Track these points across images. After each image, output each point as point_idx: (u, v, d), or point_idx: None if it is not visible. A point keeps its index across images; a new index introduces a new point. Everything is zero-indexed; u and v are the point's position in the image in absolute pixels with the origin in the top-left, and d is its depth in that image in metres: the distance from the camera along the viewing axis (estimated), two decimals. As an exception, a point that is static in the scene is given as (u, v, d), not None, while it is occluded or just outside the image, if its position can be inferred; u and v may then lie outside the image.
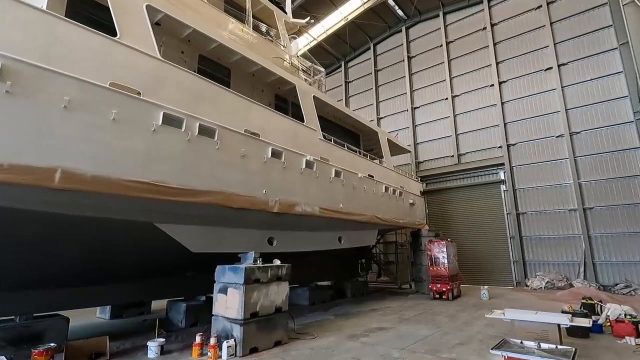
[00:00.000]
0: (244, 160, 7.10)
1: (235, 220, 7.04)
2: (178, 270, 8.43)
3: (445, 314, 9.65)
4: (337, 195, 9.65)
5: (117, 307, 9.66)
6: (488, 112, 18.56)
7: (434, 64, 21.05)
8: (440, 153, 19.91)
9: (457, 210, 18.91)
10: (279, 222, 7.88)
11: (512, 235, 16.73)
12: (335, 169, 9.59)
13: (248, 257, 6.80)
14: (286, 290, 6.83)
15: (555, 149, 16.25)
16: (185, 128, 6.09)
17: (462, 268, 17.50)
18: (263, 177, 7.49)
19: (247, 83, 8.86)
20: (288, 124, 8.55)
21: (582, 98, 15.92)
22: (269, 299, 6.42)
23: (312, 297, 11.49)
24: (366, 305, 11.46)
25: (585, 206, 15.02)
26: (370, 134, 13.25)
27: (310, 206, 8.64)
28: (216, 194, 6.47)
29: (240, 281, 6.04)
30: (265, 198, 7.47)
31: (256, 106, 7.69)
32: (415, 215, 14.37)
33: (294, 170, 8.31)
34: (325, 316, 9.54)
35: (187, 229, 6.21)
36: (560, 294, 12.43)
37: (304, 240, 8.62)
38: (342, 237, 9.88)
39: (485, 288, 12.49)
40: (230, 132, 6.89)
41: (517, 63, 18.03)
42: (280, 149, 7.95)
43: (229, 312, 6.10)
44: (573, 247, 15.18)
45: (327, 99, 10.58)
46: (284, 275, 6.82)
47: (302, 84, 9.55)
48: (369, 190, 11.13)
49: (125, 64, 5.52)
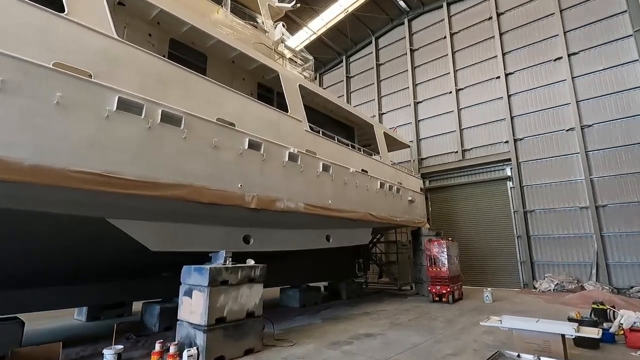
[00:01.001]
0: (215, 151, 6.54)
1: (206, 217, 6.48)
2: (151, 271, 7.93)
3: (443, 318, 8.95)
4: (325, 190, 9.03)
5: (95, 308, 9.21)
6: (494, 106, 17.70)
7: (438, 56, 20.24)
8: (443, 149, 19.10)
9: (462, 208, 18.10)
10: (257, 219, 7.30)
11: (519, 234, 15.87)
12: (323, 162, 8.97)
13: (219, 257, 6.22)
14: (260, 293, 6.24)
15: (565, 143, 15.34)
16: (145, 115, 5.54)
17: (467, 269, 16.77)
18: (238, 170, 6.92)
19: (226, 70, 8.30)
20: (269, 113, 7.95)
21: (594, 89, 14.98)
22: (239, 303, 5.84)
23: (302, 299, 10.89)
24: (360, 308, 10.81)
25: (597, 204, 14.10)
26: (366, 127, 12.57)
27: (294, 202, 8.03)
28: (182, 188, 5.91)
29: (204, 283, 5.47)
30: (241, 192, 6.89)
31: (232, 94, 7.11)
32: (414, 213, 13.65)
33: (275, 164, 7.72)
34: (312, 320, 8.93)
35: (146, 226, 5.66)
36: (570, 297, 11.60)
37: (286, 239, 8.01)
38: (331, 236, 9.24)
39: (488, 290, 11.72)
40: (199, 120, 6.33)
41: (525, 54, 17.14)
42: (259, 140, 7.36)
43: (193, 317, 5.54)
44: (584, 247, 14.27)
45: (316, 88, 9.96)
46: (258, 276, 6.23)
47: (287, 72, 8.94)
48: (362, 186, 10.48)
49: (74, 43, 4.99)
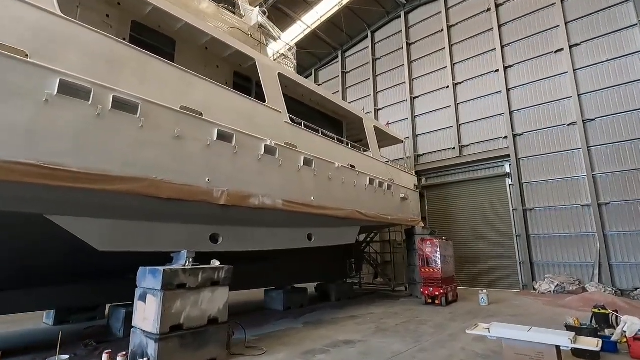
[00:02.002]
0: (178, 142, 5.99)
1: (167, 214, 5.94)
2: (122, 272, 7.39)
3: (432, 323, 8.37)
4: (307, 186, 8.47)
5: (64, 311, 8.70)
6: (492, 100, 17.05)
7: (435, 50, 19.60)
8: (441, 145, 18.47)
9: (459, 206, 17.47)
10: (227, 216, 6.74)
11: (519, 233, 15.23)
12: (304, 156, 8.41)
13: (180, 258, 5.68)
14: (225, 297, 5.70)
15: (566, 138, 14.69)
16: (93, 100, 5.01)
17: (464, 269, 16.19)
18: (206, 163, 6.37)
19: (198, 57, 7.75)
20: (243, 103, 7.39)
21: (597, 82, 14.32)
22: (200, 308, 5.29)
23: (286, 301, 10.33)
24: (347, 310, 10.25)
25: (600, 201, 13.45)
26: (356, 121, 11.99)
27: (271, 198, 7.48)
28: (137, 181, 5.37)
29: (157, 287, 4.93)
30: (209, 187, 6.35)
31: (199, 81, 6.55)
32: (407, 211, 13.06)
33: (249, 157, 7.16)
34: (293, 324, 8.37)
35: (92, 223, 5.12)
36: (570, 300, 10.97)
37: (261, 238, 7.45)
38: (313, 235, 8.68)
39: (484, 292, 11.11)
40: (159, 108, 5.78)
41: (524, 46, 16.48)
42: (231, 131, 6.81)
43: (146, 324, 5.00)
44: (586, 247, 13.63)
45: (299, 78, 9.39)
46: (223, 279, 5.69)
47: (265, 59, 8.38)
48: (349, 182, 9.91)
49: (6, 19, 4.46)
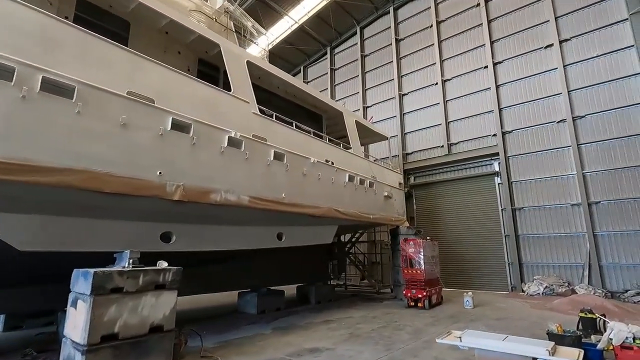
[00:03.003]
0: (124, 131, 5.43)
1: (111, 209, 5.38)
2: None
3: (411, 328, 7.85)
4: (278, 182, 7.93)
5: (16, 316, 8.08)
6: (481, 97, 16.65)
7: (424, 46, 19.18)
8: (429, 143, 18.01)
9: (447, 206, 17.01)
10: (183, 213, 6.20)
11: (507, 233, 14.80)
12: (275, 150, 7.87)
13: (123, 258, 5.12)
14: (172, 302, 5.13)
15: (556, 135, 14.30)
16: (16, 81, 4.44)
17: (452, 270, 15.73)
18: (158, 155, 5.81)
19: (156, 42, 7.19)
20: (205, 91, 6.84)
21: (587, 77, 13.95)
22: (139, 315, 4.73)
23: (260, 304, 9.77)
24: (325, 314, 9.71)
25: (590, 200, 13.05)
26: (337, 116, 11.46)
27: (236, 194, 6.93)
28: (73, 173, 4.79)
29: (87, 291, 4.37)
30: (161, 181, 5.78)
31: (151, 65, 5.99)
32: (391, 210, 12.56)
33: (209, 149, 6.61)
34: (261, 330, 7.82)
35: (14, 219, 4.55)
36: (558, 302, 10.52)
37: (222, 237, 6.88)
38: (284, 234, 8.13)
39: (469, 294, 10.63)
40: (101, 92, 5.22)
41: (514, 41, 16.09)
42: (188, 120, 6.25)
43: (75, 333, 4.44)
44: (576, 248, 13.22)
45: (272, 68, 8.83)
46: (170, 282, 5.12)
47: (231, 46, 7.82)
48: (326, 179, 9.38)
49: None
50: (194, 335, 6.11)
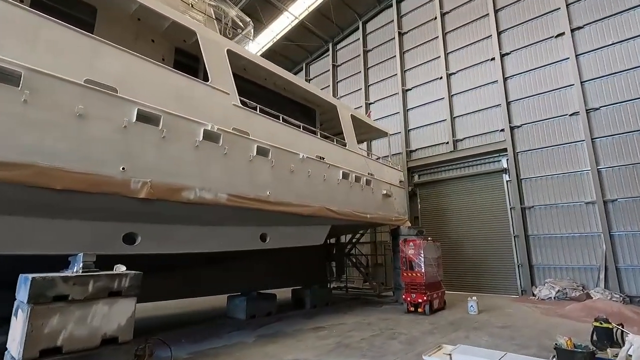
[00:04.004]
0: (81, 122, 4.96)
1: (64, 208, 4.91)
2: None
3: (406, 337, 7.22)
4: (261, 179, 7.40)
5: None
6: (488, 91, 15.84)
7: (428, 39, 18.43)
8: (434, 140, 17.26)
9: (453, 205, 16.23)
10: (151, 213, 5.70)
11: (517, 234, 13.97)
12: (258, 145, 7.34)
13: (77, 262, 4.64)
14: (129, 310, 4.63)
15: (568, 129, 13.43)
16: (-51, 65, 4.01)
17: (458, 273, 15.00)
18: (121, 149, 5.33)
19: (127, 29, 6.73)
20: (178, 81, 6.34)
21: (602, 67, 13.05)
22: (88, 326, 4.24)
23: (250, 309, 9.24)
24: (317, 320, 9.13)
25: (605, 198, 12.16)
26: (331, 110, 10.87)
27: (213, 192, 6.41)
28: (18, 168, 4.34)
29: (25, 299, 3.89)
30: (124, 178, 5.30)
31: (114, 51, 5.51)
32: (391, 209, 11.90)
33: (182, 143, 6.11)
34: (244, 338, 7.28)
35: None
36: (571, 308, 9.74)
37: (196, 238, 6.37)
38: (268, 234, 7.58)
39: (473, 299, 9.92)
40: (53, 79, 4.76)
41: (522, 31, 15.25)
42: (157, 111, 5.76)
43: (13, 346, 3.97)
44: (591, 249, 12.35)
45: (256, 58, 8.30)
46: (127, 288, 4.62)
47: (209, 33, 7.31)
48: (317, 176, 8.81)
49: None
50: (164, 346, 5.60)
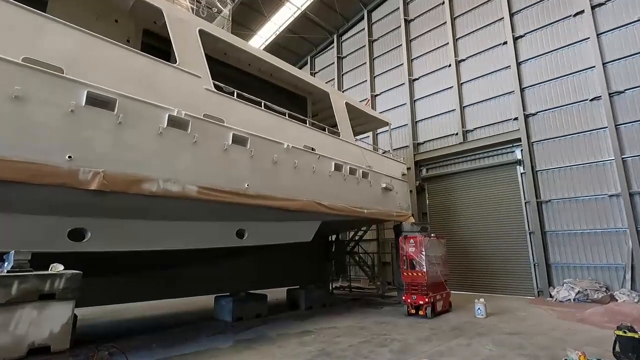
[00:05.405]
0: (18, 105, 4.45)
1: (3, 200, 4.41)
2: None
3: (400, 344, 6.47)
4: (239, 170, 6.79)
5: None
6: (500, 77, 14.77)
7: (436, 25, 17.45)
8: (442, 131, 16.30)
9: (463, 199, 15.25)
10: (105, 206, 5.15)
11: (532, 230, 12.90)
12: (234, 133, 6.73)
13: (8, 261, 4.13)
14: (65, 315, 4.08)
15: (589, 115, 12.28)
16: None
17: (468, 272, 14.06)
18: (66, 135, 4.81)
19: (86, 7, 6.22)
20: (138, 62, 5.79)
21: (625, 47, 11.85)
22: (11, 334, 3.71)
23: (236, 310, 8.65)
24: (307, 323, 8.47)
25: (632, 190, 11.00)
26: (324, 98, 10.15)
27: (179, 184, 5.84)
28: (-63, 155, 3.87)
29: None
30: (71, 167, 4.78)
31: (60, 27, 4.98)
32: (392, 203, 11.11)
33: (142, 130, 5.56)
34: (221, 343, 6.69)
35: None
36: (592, 312, 8.72)
37: (157, 234, 5.79)
38: (246, 231, 6.95)
39: (481, 301, 9.05)
40: (-17, 57, 4.28)
41: (537, 11, 14.12)
42: (110, 95, 5.22)
43: None
44: (615, 246, 11.20)
45: (234, 39, 7.64)
46: (61, 290, 4.07)
47: (177, 11, 6.73)
48: (305, 168, 8.14)
49: None
50: (117, 355, 5.07)
